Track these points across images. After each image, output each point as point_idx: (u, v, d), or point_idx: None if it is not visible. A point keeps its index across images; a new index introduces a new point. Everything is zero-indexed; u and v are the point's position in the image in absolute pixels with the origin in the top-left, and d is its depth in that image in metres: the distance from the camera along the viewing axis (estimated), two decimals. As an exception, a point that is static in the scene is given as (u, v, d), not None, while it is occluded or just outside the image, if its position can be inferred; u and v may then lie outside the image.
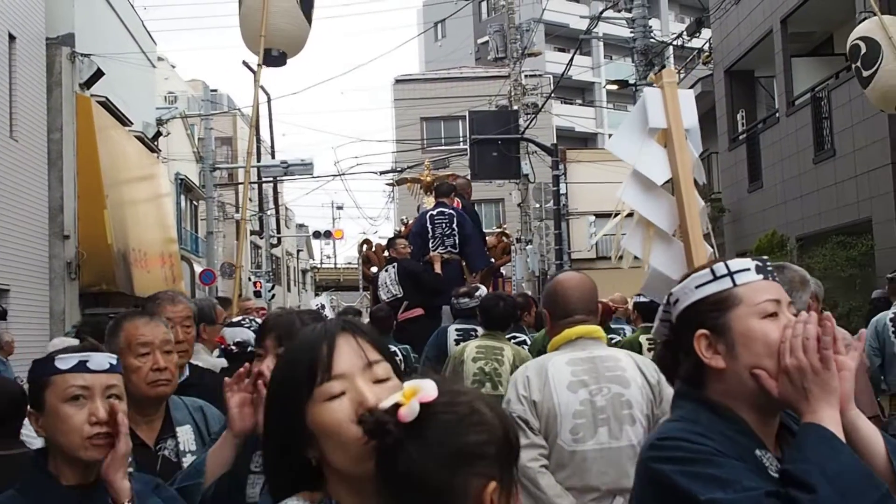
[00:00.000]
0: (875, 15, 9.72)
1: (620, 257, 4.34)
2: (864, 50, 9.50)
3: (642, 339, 7.19)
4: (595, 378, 3.31)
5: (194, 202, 29.78)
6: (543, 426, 3.30)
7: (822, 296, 6.08)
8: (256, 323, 4.72)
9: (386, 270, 9.74)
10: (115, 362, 2.43)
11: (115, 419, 2.31)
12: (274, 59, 7.68)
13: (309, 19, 7.89)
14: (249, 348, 4.55)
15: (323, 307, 10.45)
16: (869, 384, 6.10)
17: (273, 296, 36.62)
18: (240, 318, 5.30)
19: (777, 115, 18.04)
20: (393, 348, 7.89)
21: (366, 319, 11.23)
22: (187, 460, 2.97)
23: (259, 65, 7.55)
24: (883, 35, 9.32)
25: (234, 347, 4.79)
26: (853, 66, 10.04)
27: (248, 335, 4.72)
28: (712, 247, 4.21)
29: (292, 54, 7.91)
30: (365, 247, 11.63)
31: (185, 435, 3.10)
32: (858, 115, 13.88)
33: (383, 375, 1.58)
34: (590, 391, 3.28)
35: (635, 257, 4.25)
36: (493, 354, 5.85)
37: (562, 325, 3.51)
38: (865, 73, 9.55)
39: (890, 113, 10.44)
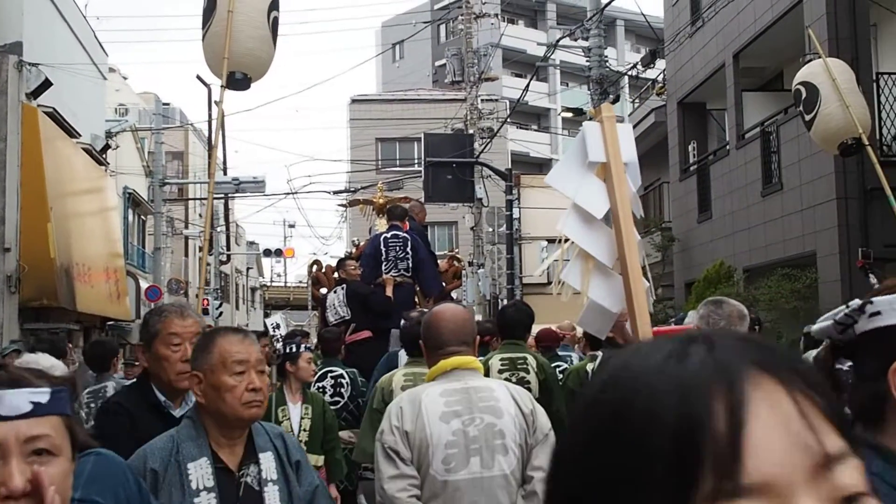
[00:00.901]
0: (819, 57, 9.88)
1: (561, 285, 4.33)
2: (804, 94, 9.65)
3: (589, 366, 7.16)
4: (468, 408, 3.37)
5: (142, 217, 29.43)
6: (416, 456, 3.35)
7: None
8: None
9: (335, 292, 9.67)
10: (45, 399, 1.56)
11: (39, 493, 1.48)
12: (237, 82, 7.56)
13: (275, 42, 7.83)
14: None
15: (277, 327, 10.33)
16: None
17: (221, 314, 36.19)
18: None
19: (727, 147, 18.25)
20: (341, 371, 7.83)
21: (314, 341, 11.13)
22: (269, 489, 2.87)
23: (222, 86, 7.45)
24: (823, 78, 9.44)
25: None
26: (797, 109, 10.19)
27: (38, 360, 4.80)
28: (649, 280, 4.26)
29: (256, 78, 7.81)
30: (315, 268, 11.53)
31: (268, 462, 2.93)
32: (806, 150, 14.06)
33: (849, 488, 0.69)
34: (462, 421, 3.35)
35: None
36: (422, 380, 5.79)
37: (437, 357, 3.57)
38: (807, 118, 9.70)
39: (833, 153, 10.62)
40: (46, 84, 15.67)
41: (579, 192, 4.04)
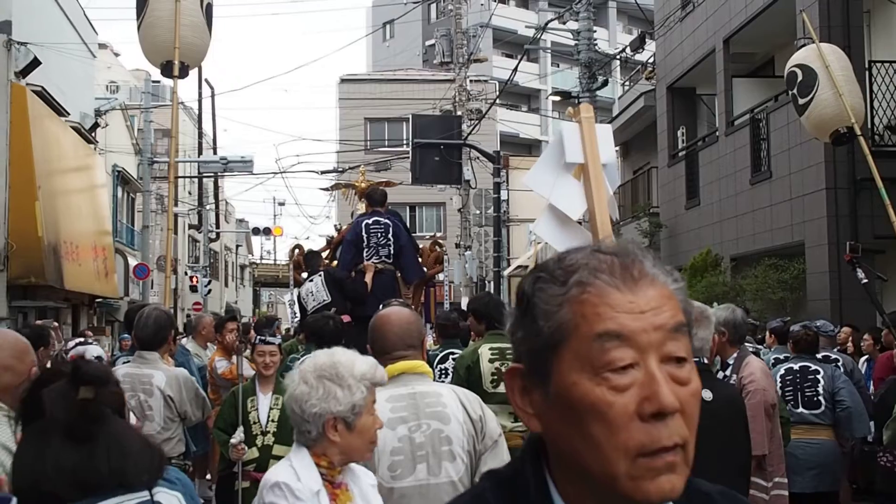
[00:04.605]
0: (813, 42, 9.83)
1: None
2: (800, 77, 9.60)
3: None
4: (415, 414, 3.28)
5: (132, 195, 29.34)
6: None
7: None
8: (96, 341, 4.84)
9: (311, 280, 9.65)
10: None
11: None
12: (178, 70, 7.92)
13: (210, 30, 8.21)
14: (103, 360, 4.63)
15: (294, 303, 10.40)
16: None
17: (209, 291, 36.24)
18: (79, 339, 5.33)
19: (717, 133, 18.21)
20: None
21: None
22: None
23: (175, 76, 7.77)
24: (820, 63, 9.41)
25: None
26: (790, 92, 10.13)
27: (99, 350, 4.74)
28: None
29: (194, 65, 8.28)
30: (296, 252, 11.52)
31: None
32: (795, 138, 14.06)
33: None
34: (409, 427, 3.26)
35: None
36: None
37: (384, 362, 3.39)
38: (801, 101, 9.64)
39: (824, 141, 10.56)
40: (35, 63, 15.59)
41: (555, 192, 3.98)
